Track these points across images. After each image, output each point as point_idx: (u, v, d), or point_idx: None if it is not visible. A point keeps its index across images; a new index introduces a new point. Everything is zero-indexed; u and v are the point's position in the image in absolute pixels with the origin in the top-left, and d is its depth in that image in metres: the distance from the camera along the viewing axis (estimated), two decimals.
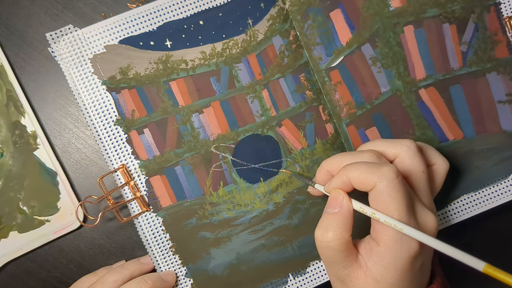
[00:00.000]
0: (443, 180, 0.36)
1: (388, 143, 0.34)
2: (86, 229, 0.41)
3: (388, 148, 0.34)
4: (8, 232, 0.40)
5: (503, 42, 0.40)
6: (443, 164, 0.36)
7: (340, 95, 0.39)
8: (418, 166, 0.33)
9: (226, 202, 0.39)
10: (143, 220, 0.38)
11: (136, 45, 0.37)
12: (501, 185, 0.41)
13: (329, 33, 0.39)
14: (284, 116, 0.39)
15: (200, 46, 0.38)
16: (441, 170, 0.36)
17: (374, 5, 0.39)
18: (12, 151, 0.39)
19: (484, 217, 0.41)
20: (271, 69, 0.39)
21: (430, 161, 0.35)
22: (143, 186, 0.38)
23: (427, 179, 0.33)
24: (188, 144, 0.38)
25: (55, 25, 0.40)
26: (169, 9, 0.37)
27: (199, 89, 0.38)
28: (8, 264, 0.40)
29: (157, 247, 0.38)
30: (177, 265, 0.39)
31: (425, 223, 0.32)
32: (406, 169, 0.33)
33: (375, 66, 0.39)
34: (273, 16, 0.38)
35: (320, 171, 0.36)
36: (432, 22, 0.39)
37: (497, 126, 0.40)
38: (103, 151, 0.37)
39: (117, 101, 0.37)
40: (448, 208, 0.41)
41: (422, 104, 0.40)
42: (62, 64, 0.37)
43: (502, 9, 0.40)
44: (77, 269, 0.41)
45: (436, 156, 0.36)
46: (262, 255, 0.39)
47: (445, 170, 0.36)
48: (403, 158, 0.33)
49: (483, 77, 0.40)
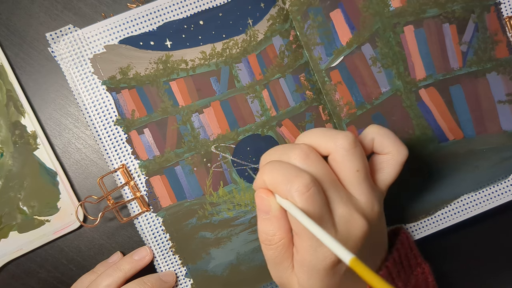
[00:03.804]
0: (397, 170, 0.33)
1: (322, 138, 0.31)
2: (86, 229, 0.41)
3: (321, 143, 0.31)
4: (8, 232, 0.40)
5: (503, 42, 0.40)
6: (397, 154, 0.32)
7: (340, 95, 0.39)
8: (350, 165, 0.30)
9: (226, 202, 0.39)
10: (143, 220, 0.38)
11: (136, 45, 0.37)
12: (501, 185, 0.41)
13: (329, 33, 0.39)
14: (284, 116, 0.39)
15: (200, 46, 0.38)
16: (393, 161, 0.33)
17: (374, 5, 0.39)
18: (12, 151, 0.39)
19: (484, 217, 0.41)
20: (271, 69, 0.39)
21: (382, 150, 0.33)
22: (143, 186, 0.38)
23: (364, 178, 0.31)
24: (188, 144, 0.38)
25: (55, 25, 0.40)
26: (169, 9, 0.37)
27: (199, 89, 0.38)
28: (8, 264, 0.40)
29: (157, 247, 0.38)
30: (177, 265, 0.39)
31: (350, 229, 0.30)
32: (338, 168, 0.31)
33: (375, 66, 0.39)
34: (273, 16, 0.38)
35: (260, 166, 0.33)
36: (432, 22, 0.39)
37: (497, 126, 0.40)
38: (103, 151, 0.37)
39: (117, 101, 0.37)
40: (448, 208, 0.41)
41: (422, 104, 0.40)
42: (62, 64, 0.37)
43: (502, 9, 0.40)
44: (77, 269, 0.41)
45: (390, 145, 0.32)
46: (262, 255, 0.39)
47: (398, 161, 0.33)
48: (334, 156, 0.31)
49: (483, 77, 0.40)
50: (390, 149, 0.33)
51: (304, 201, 0.28)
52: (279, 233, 0.31)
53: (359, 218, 0.30)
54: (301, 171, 0.29)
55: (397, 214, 0.40)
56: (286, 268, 0.32)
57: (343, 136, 0.30)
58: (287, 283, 0.32)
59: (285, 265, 0.32)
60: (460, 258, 0.44)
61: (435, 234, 0.41)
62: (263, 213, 0.31)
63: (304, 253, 0.30)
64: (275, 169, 0.30)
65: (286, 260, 0.31)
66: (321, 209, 0.29)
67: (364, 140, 0.33)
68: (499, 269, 0.44)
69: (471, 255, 0.44)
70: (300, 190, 0.28)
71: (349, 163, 0.30)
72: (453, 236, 0.43)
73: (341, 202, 0.30)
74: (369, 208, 0.31)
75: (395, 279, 0.34)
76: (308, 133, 0.32)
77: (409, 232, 0.41)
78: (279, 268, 0.32)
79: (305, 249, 0.30)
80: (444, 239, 0.43)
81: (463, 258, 0.44)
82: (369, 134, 0.33)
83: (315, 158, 0.31)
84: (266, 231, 0.31)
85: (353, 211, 0.30)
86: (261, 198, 0.31)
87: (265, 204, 0.31)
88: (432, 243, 0.43)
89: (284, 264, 0.32)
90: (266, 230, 0.31)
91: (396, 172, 0.33)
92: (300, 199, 0.28)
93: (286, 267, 0.32)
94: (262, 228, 0.31)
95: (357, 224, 0.30)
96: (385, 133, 0.33)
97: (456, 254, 0.44)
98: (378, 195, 0.32)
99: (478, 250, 0.44)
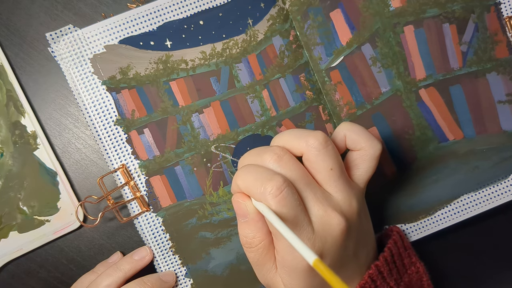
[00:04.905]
0: (372, 165, 0.33)
1: (294, 139, 0.32)
2: (86, 229, 0.41)
3: (294, 144, 0.32)
4: (8, 232, 0.40)
5: (503, 42, 0.40)
6: (369, 149, 0.33)
7: (340, 95, 0.39)
8: (324, 164, 0.31)
9: (226, 202, 0.39)
10: (143, 220, 0.38)
11: (136, 45, 0.37)
12: (501, 185, 0.41)
13: (329, 33, 0.39)
14: (284, 116, 0.39)
15: (200, 46, 0.38)
16: (367, 156, 0.33)
17: (374, 5, 0.39)
18: (12, 151, 0.39)
19: (484, 217, 0.41)
20: (271, 69, 0.39)
21: (355, 146, 0.33)
22: (143, 186, 0.38)
23: (339, 176, 0.31)
24: (188, 144, 0.38)
25: (55, 25, 0.40)
26: (169, 9, 0.37)
27: (199, 89, 0.38)
28: (8, 264, 0.40)
29: (157, 247, 0.38)
30: (177, 265, 0.39)
31: (326, 227, 0.30)
32: (312, 168, 0.31)
33: (375, 66, 0.39)
34: (273, 16, 0.38)
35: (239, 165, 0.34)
36: (432, 22, 0.39)
37: (497, 126, 0.40)
38: (103, 151, 0.37)
39: (117, 101, 0.37)
40: (448, 208, 0.41)
41: (422, 104, 0.40)
42: (62, 64, 0.37)
43: (502, 9, 0.40)
44: (77, 269, 0.41)
45: (362, 141, 0.33)
46: None
47: (372, 156, 0.33)
48: (307, 156, 0.31)
49: (483, 77, 0.40)
50: (362, 144, 0.33)
51: (277, 203, 0.29)
52: (258, 235, 0.31)
53: (335, 216, 0.30)
54: (274, 174, 0.30)
55: (397, 214, 0.40)
56: (269, 269, 0.32)
57: (314, 136, 0.31)
58: (271, 284, 0.33)
59: (268, 267, 0.32)
60: (460, 258, 0.44)
61: (435, 234, 0.41)
62: (241, 217, 0.32)
63: (284, 254, 0.30)
64: (248, 173, 0.30)
65: (268, 262, 0.32)
66: (295, 209, 0.29)
67: (336, 138, 0.34)
68: (499, 269, 0.44)
69: (471, 255, 0.44)
70: (273, 193, 0.29)
71: (322, 162, 0.31)
72: (453, 236, 0.43)
73: (317, 201, 0.30)
74: (346, 205, 0.31)
75: (387, 278, 0.34)
76: (281, 135, 0.33)
77: (407, 232, 0.41)
78: (263, 269, 0.32)
79: (284, 250, 0.30)
80: (444, 239, 0.43)
81: (463, 258, 0.44)
82: (341, 132, 0.33)
83: (289, 160, 0.31)
84: (245, 234, 0.32)
85: (329, 209, 0.30)
86: (237, 203, 0.32)
87: (242, 208, 0.31)
88: (432, 243, 0.43)
89: (267, 265, 0.32)
90: (245, 234, 0.32)
91: (371, 167, 0.33)
92: (273, 201, 0.29)
93: (269, 268, 0.32)
94: (242, 231, 0.32)
95: (334, 221, 0.30)
96: (356, 129, 0.33)
97: (456, 254, 0.44)
98: (356, 192, 0.33)
99: (478, 250, 0.44)
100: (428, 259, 0.38)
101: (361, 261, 0.34)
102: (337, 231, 0.30)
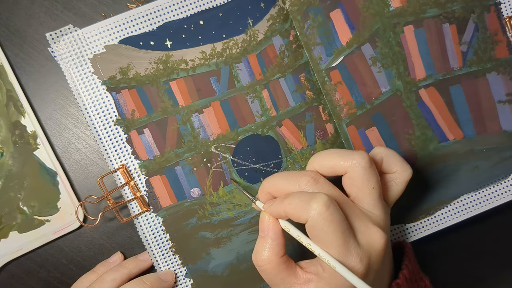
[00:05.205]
0: (402, 188, 0.35)
1: (338, 158, 0.33)
2: (86, 229, 0.41)
3: (338, 163, 0.33)
4: (8, 232, 0.40)
5: (503, 42, 0.40)
6: (403, 173, 0.35)
7: (340, 95, 0.39)
8: (367, 183, 0.32)
9: (226, 202, 0.39)
10: (143, 220, 0.38)
11: (136, 45, 0.37)
12: (501, 185, 0.41)
13: (329, 33, 0.39)
14: (284, 116, 0.39)
15: (200, 46, 0.38)
16: (400, 179, 0.35)
17: (374, 5, 0.39)
18: (12, 151, 0.39)
19: (484, 217, 0.41)
20: (271, 69, 0.39)
21: (391, 169, 0.35)
22: (143, 186, 0.38)
23: (378, 194, 0.33)
24: (188, 144, 0.38)
25: (55, 25, 0.40)
26: (169, 9, 0.37)
27: (199, 89, 0.38)
28: (8, 264, 0.40)
29: (157, 247, 0.38)
30: (177, 265, 0.39)
31: (370, 242, 0.31)
32: (355, 185, 0.32)
33: (375, 66, 0.39)
34: (273, 16, 0.38)
35: (261, 191, 0.34)
36: (432, 22, 0.39)
37: (497, 126, 0.40)
38: (103, 151, 0.37)
39: (117, 101, 0.37)
40: (448, 208, 0.41)
41: (422, 104, 0.40)
42: (62, 64, 0.37)
43: (502, 9, 0.40)
44: (77, 269, 0.41)
45: (397, 164, 0.35)
46: None
47: (404, 179, 0.35)
48: (352, 174, 0.32)
49: (483, 77, 0.40)
50: (397, 168, 0.35)
51: (325, 219, 0.30)
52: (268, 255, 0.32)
53: (377, 231, 0.32)
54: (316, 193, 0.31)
55: (397, 214, 0.40)
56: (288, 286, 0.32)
57: (360, 155, 0.32)
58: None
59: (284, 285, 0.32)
60: (460, 258, 0.44)
61: (435, 234, 0.41)
62: (260, 232, 0.33)
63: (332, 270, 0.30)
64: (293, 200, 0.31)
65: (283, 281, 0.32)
66: (342, 225, 0.30)
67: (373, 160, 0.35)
68: (499, 269, 0.44)
69: (471, 255, 0.44)
70: (319, 210, 0.30)
71: (367, 181, 0.32)
72: (453, 236, 0.43)
73: (358, 217, 0.32)
74: (383, 222, 0.33)
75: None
76: (323, 153, 0.34)
77: (408, 232, 0.41)
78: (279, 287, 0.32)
79: None
80: (444, 239, 0.43)
81: (463, 258, 0.44)
82: (378, 154, 0.35)
83: (324, 181, 0.33)
84: (257, 250, 0.32)
85: (369, 224, 0.32)
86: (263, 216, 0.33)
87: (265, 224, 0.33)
88: (432, 243, 0.43)
89: (282, 284, 0.32)
90: (257, 249, 0.32)
91: (401, 190, 0.35)
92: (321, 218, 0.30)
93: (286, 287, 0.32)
94: (257, 246, 0.33)
95: (376, 236, 0.31)
96: (392, 154, 0.35)
97: (456, 254, 0.44)
98: (388, 211, 0.35)
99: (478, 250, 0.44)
100: (428, 259, 0.38)
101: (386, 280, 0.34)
102: (380, 245, 0.31)
